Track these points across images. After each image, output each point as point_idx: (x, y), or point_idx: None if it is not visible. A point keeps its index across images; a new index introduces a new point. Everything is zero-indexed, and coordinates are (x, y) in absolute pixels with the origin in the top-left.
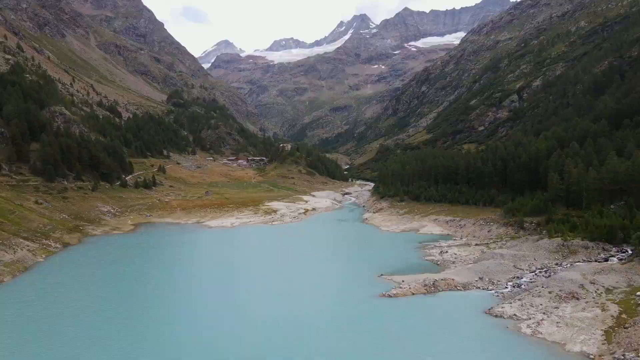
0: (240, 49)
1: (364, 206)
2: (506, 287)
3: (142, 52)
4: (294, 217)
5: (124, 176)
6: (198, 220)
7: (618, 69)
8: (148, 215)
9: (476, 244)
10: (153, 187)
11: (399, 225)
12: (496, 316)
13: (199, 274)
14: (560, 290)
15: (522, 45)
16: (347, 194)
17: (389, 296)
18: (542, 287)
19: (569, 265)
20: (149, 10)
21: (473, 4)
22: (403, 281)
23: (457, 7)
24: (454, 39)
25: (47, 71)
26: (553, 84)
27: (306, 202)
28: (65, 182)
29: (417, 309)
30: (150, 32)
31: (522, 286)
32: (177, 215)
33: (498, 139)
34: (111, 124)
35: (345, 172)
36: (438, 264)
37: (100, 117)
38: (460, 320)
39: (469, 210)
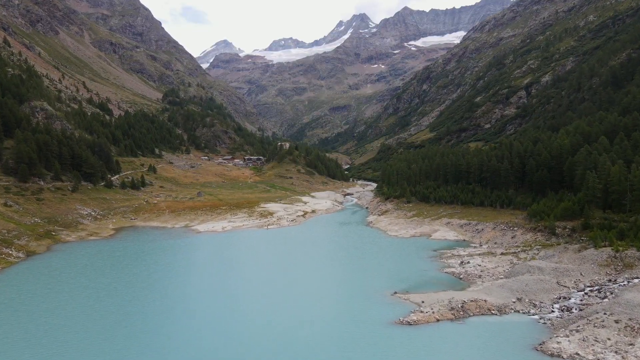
0: (239, 48)
1: (367, 208)
2: (552, 311)
3: (138, 50)
4: (292, 220)
5: (109, 176)
6: (186, 224)
7: (638, 61)
8: (133, 218)
9: (502, 253)
10: (141, 188)
11: (407, 229)
12: (552, 355)
13: (176, 292)
14: (630, 319)
15: (528, 41)
16: (348, 194)
17: (408, 323)
18: (604, 313)
19: (626, 282)
20: (146, 9)
21: (473, 3)
22: (423, 302)
23: (457, 7)
24: (454, 38)
25: (35, 66)
26: (564, 79)
27: (305, 203)
28: (42, 182)
29: (446, 344)
30: (147, 30)
31: (573, 310)
32: (165, 218)
33: (506, 136)
34: (99, 121)
35: (345, 172)
36: (461, 278)
37: (89, 114)
38: None
39: (484, 213)
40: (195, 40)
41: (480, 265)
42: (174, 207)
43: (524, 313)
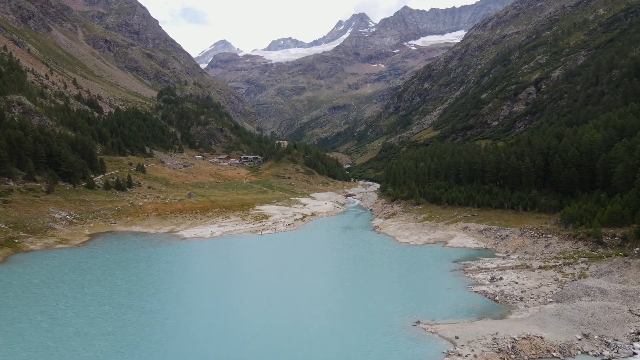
0: (238, 48)
1: (371, 210)
2: (634, 353)
3: (134, 47)
4: (290, 225)
5: (92, 176)
6: (172, 229)
7: None
8: (113, 222)
9: (540, 267)
10: (127, 189)
11: (420, 235)
12: None
13: (140, 321)
14: None
15: (534, 36)
16: (350, 195)
17: None
18: None
19: None
20: (143, 7)
21: (473, 2)
22: (457, 338)
23: (457, 6)
24: (455, 37)
25: (20, 61)
26: (577, 73)
27: (304, 205)
28: (11, 183)
29: None
30: (144, 29)
31: None
32: (149, 222)
33: (516, 134)
34: (86, 118)
35: (346, 172)
36: (496, 300)
37: (75, 110)
38: None
39: (505, 217)
40: (195, 41)
41: (517, 283)
42: (161, 209)
43: (594, 355)
